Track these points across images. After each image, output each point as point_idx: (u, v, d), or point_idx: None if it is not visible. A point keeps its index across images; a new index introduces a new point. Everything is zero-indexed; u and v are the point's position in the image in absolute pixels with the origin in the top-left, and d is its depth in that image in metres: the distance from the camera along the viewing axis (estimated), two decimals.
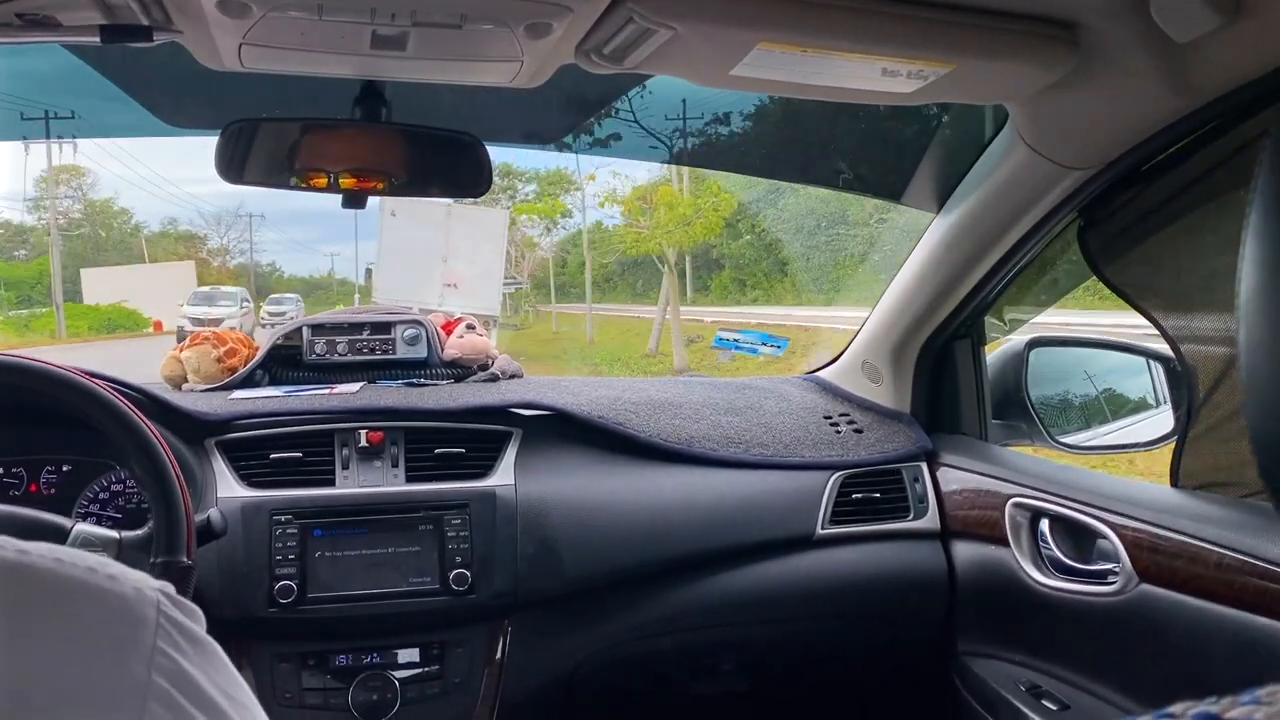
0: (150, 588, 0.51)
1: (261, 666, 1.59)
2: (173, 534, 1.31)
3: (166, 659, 0.49)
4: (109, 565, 0.51)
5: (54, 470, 1.65)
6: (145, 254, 31.54)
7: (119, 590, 0.50)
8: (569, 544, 1.69)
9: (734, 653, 1.88)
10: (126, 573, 0.51)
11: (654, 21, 1.07)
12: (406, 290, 14.35)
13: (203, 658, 0.52)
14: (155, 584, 0.52)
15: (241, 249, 35.12)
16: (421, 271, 15.07)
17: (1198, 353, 1.42)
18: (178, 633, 0.51)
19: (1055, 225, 1.58)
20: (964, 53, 1.17)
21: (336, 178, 1.34)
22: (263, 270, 33.98)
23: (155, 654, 0.49)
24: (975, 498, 1.81)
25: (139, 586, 0.51)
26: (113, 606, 0.49)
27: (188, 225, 34.35)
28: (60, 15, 1.10)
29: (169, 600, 0.52)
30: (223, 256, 33.84)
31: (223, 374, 1.94)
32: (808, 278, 18.92)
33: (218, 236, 34.87)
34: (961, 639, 1.85)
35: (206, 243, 34.57)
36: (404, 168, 1.40)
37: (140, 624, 0.49)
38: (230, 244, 33.98)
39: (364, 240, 57.31)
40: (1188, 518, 1.35)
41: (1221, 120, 1.24)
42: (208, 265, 32.94)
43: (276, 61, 1.24)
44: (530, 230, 25.48)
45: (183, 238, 34.02)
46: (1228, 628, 1.25)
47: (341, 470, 1.68)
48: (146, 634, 0.49)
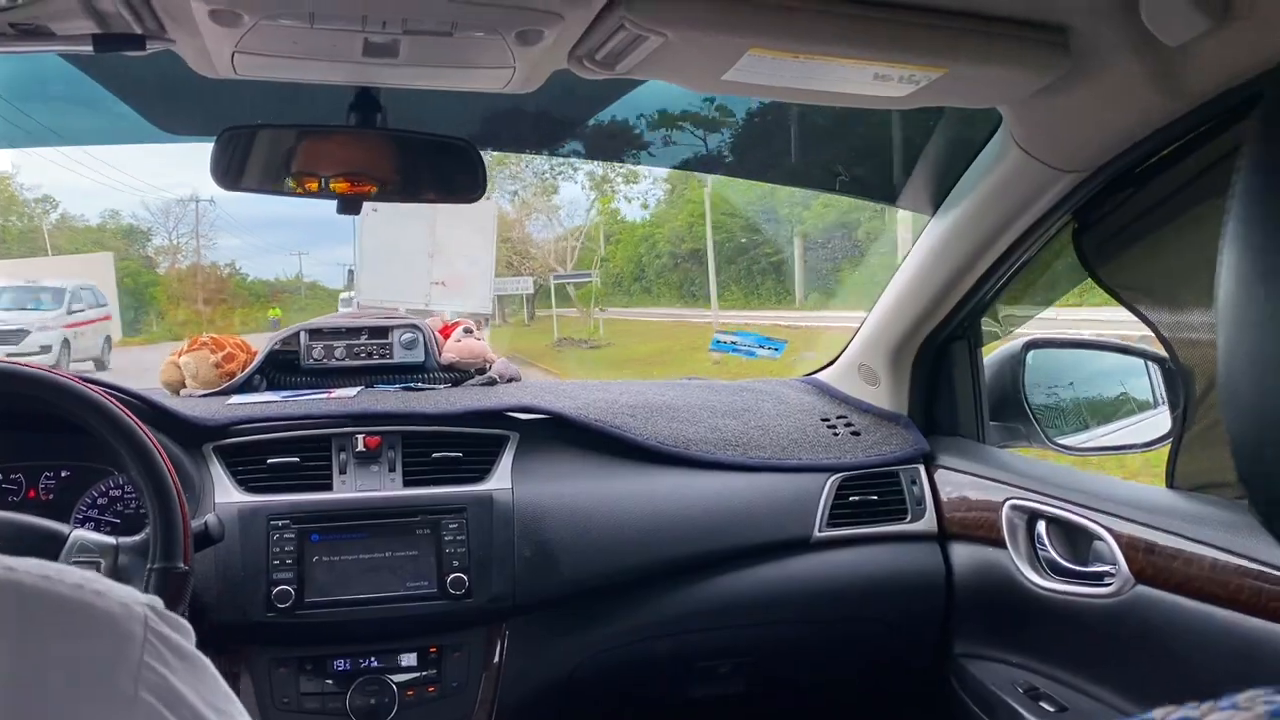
0: (138, 603, 0.51)
1: (259, 671, 1.59)
2: (170, 539, 1.31)
3: (154, 674, 0.49)
4: (96, 581, 0.51)
5: (52, 476, 1.66)
6: (48, 245, 25.82)
7: (106, 606, 0.50)
8: (566, 547, 1.70)
9: (731, 656, 1.88)
10: (114, 588, 0.51)
11: (645, 28, 1.07)
12: (391, 290, 13.50)
13: (191, 673, 0.52)
14: (143, 599, 0.52)
15: (197, 246, 29.53)
16: (406, 269, 14.11)
17: (1192, 353, 1.42)
18: (165, 648, 0.51)
19: (1050, 228, 1.58)
20: (956, 57, 1.17)
21: (328, 182, 1.34)
22: (220, 274, 29.08)
23: (143, 669, 0.49)
24: (972, 500, 1.81)
25: (126, 602, 0.51)
26: (100, 622, 0.49)
27: (131, 219, 28.57)
28: (54, 25, 1.10)
29: (157, 615, 0.52)
30: (173, 255, 28.36)
31: (220, 379, 1.94)
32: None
33: (165, 232, 28.95)
34: (959, 641, 1.85)
35: (151, 239, 28.79)
36: (397, 172, 1.40)
37: (127, 640, 0.49)
38: (182, 241, 28.72)
39: (342, 244, 54.38)
40: (1184, 519, 1.35)
41: (1213, 122, 1.24)
42: (151, 267, 27.48)
43: (269, 69, 1.25)
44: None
45: (122, 233, 28.16)
46: (1223, 629, 1.25)
47: (339, 475, 1.68)
48: (134, 650, 0.49)
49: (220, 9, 1.02)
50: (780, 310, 16.80)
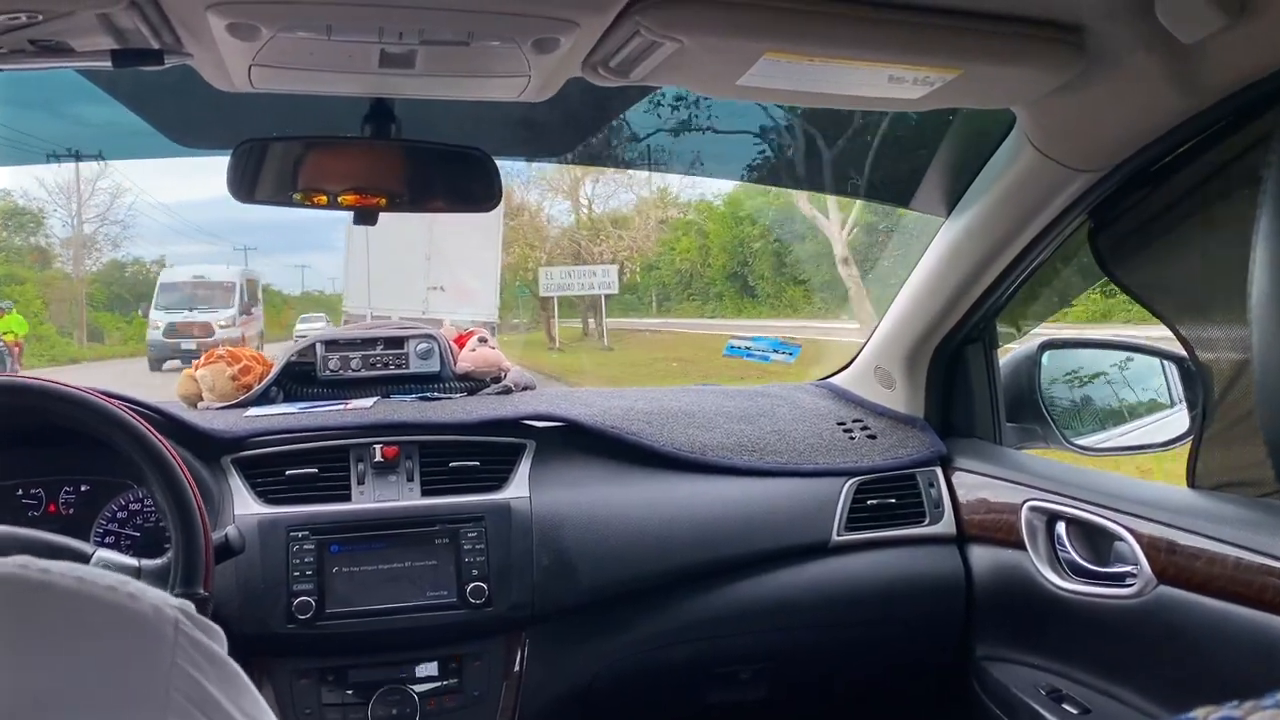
0: (170, 606, 0.52)
1: (281, 683, 1.59)
2: (191, 565, 1.32)
3: (185, 677, 0.50)
4: (129, 584, 0.51)
5: (72, 490, 1.66)
6: None
7: (138, 609, 0.51)
8: (585, 555, 1.69)
9: (751, 661, 1.87)
10: (146, 591, 0.52)
11: (660, 34, 1.07)
12: (382, 297, 12.60)
13: (222, 677, 0.52)
14: (175, 603, 0.53)
15: (121, 239, 23.53)
16: (401, 274, 13.03)
17: (1212, 352, 1.42)
18: (197, 652, 0.51)
19: (1065, 228, 1.58)
20: (970, 58, 1.17)
21: (336, 197, 1.35)
22: (147, 272, 22.11)
23: (174, 671, 0.49)
24: (991, 501, 1.81)
25: (158, 605, 0.52)
26: (132, 624, 0.50)
27: (21, 198, 22.00)
28: (72, 41, 1.11)
29: (188, 619, 0.52)
30: (77, 251, 22.28)
31: (237, 391, 1.95)
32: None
33: (64, 215, 22.52)
34: (979, 644, 1.84)
35: (44, 225, 22.43)
36: (408, 184, 1.41)
37: (159, 642, 0.50)
38: (100, 233, 22.99)
39: (299, 245, 51.33)
40: (1205, 518, 1.34)
41: (1229, 120, 1.23)
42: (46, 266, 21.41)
43: (286, 82, 1.25)
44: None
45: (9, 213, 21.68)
46: (1248, 629, 1.24)
47: (357, 485, 1.68)
48: (165, 651, 0.50)
49: (238, 23, 1.03)
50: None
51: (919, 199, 1.83)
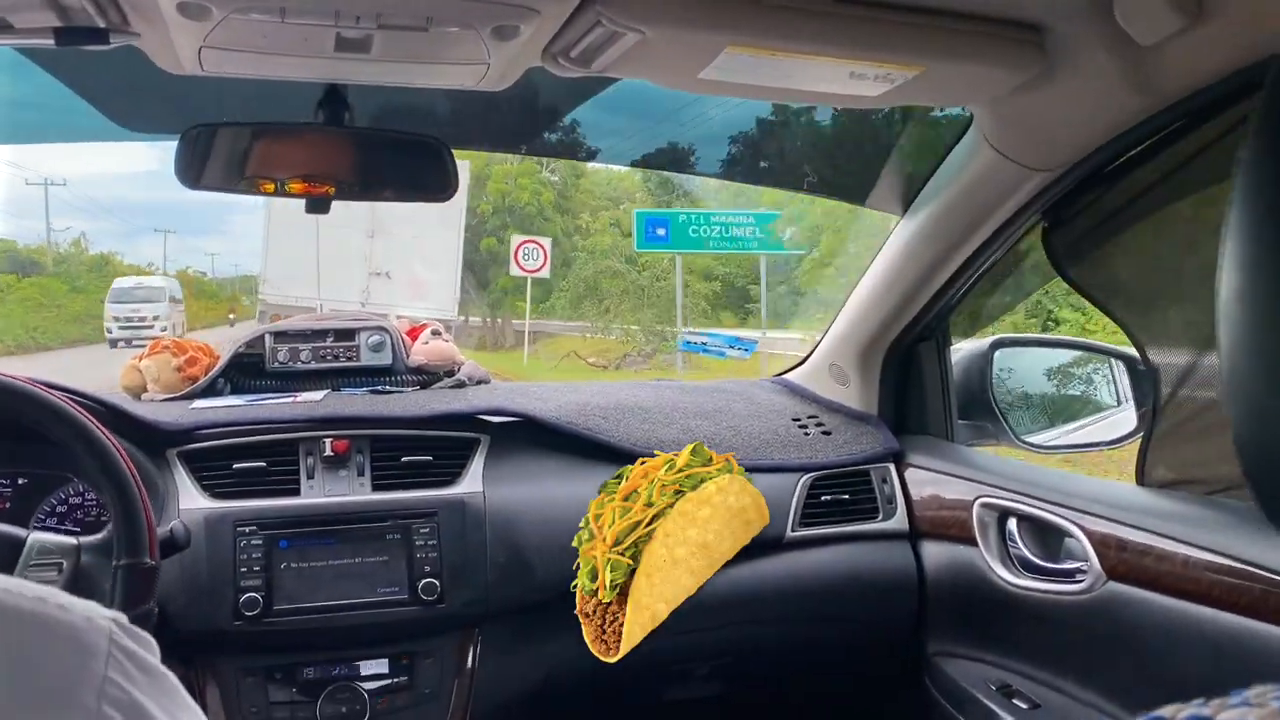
0: (102, 617, 0.51)
1: (227, 681, 1.56)
2: (134, 534, 1.28)
3: (118, 689, 0.49)
4: (59, 595, 0.50)
5: (8, 484, 1.61)
6: None
7: (69, 620, 0.49)
8: (539, 551, 1.68)
9: (707, 657, 1.87)
10: (76, 603, 0.51)
11: (622, 25, 1.06)
12: (309, 283, 10.60)
13: (155, 687, 0.51)
14: (108, 614, 0.51)
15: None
16: (334, 258, 11.12)
17: (1162, 351, 1.44)
18: (130, 662, 0.50)
19: (1020, 227, 1.59)
20: (932, 56, 1.17)
21: (284, 184, 1.32)
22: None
23: (106, 684, 0.48)
24: (943, 498, 1.82)
25: (90, 616, 0.50)
26: (63, 636, 0.48)
27: None
28: (12, 17, 1.07)
29: (121, 630, 0.51)
30: None
31: (183, 383, 1.90)
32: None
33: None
34: (932, 639, 1.85)
35: None
36: (358, 171, 1.38)
37: (91, 654, 0.49)
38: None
39: (211, 229, 47.94)
40: (1154, 516, 1.36)
41: (1185, 121, 1.25)
42: None
43: (238, 65, 1.22)
44: None
45: None
46: (1195, 625, 1.26)
47: (307, 480, 1.65)
48: (97, 664, 0.48)
49: (189, 2, 1.00)
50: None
51: (875, 197, 1.84)
